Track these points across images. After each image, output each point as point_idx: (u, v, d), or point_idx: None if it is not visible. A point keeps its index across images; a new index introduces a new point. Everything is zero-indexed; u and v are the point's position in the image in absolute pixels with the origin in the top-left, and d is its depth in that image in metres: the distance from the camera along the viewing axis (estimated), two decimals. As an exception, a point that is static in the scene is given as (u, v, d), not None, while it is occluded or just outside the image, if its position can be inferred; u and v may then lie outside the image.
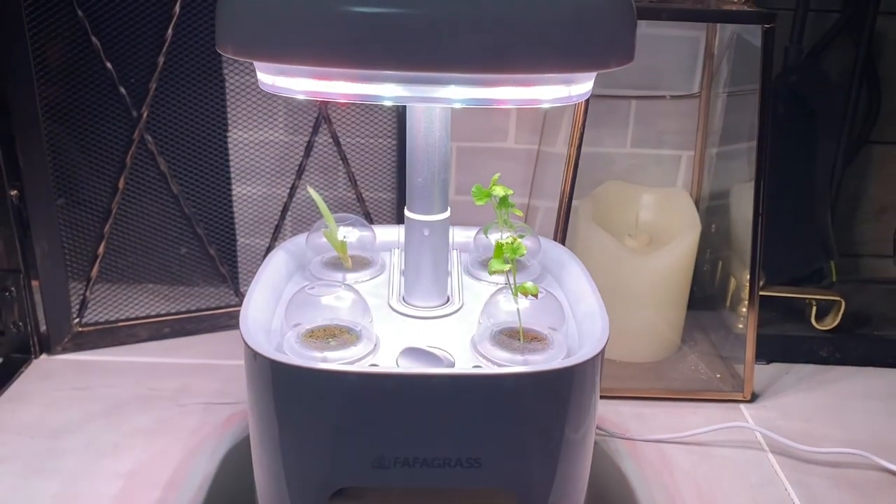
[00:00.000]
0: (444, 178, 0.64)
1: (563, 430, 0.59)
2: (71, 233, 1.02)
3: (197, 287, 1.13)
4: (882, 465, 0.86)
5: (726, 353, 1.08)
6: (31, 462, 0.84)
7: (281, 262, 0.74)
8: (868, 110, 1.21)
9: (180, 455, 0.86)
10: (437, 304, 0.69)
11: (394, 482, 0.58)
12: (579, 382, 0.59)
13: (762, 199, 0.94)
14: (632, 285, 1.03)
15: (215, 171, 1.09)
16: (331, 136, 1.09)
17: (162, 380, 0.99)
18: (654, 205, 1.11)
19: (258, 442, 0.61)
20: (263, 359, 0.57)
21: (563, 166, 0.96)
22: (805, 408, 0.98)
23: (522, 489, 0.60)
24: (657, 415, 0.96)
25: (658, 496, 0.82)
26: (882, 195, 1.28)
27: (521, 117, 1.13)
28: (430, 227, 0.66)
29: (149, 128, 1.01)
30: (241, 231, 1.14)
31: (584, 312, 0.67)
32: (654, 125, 1.13)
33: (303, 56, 0.48)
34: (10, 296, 1.00)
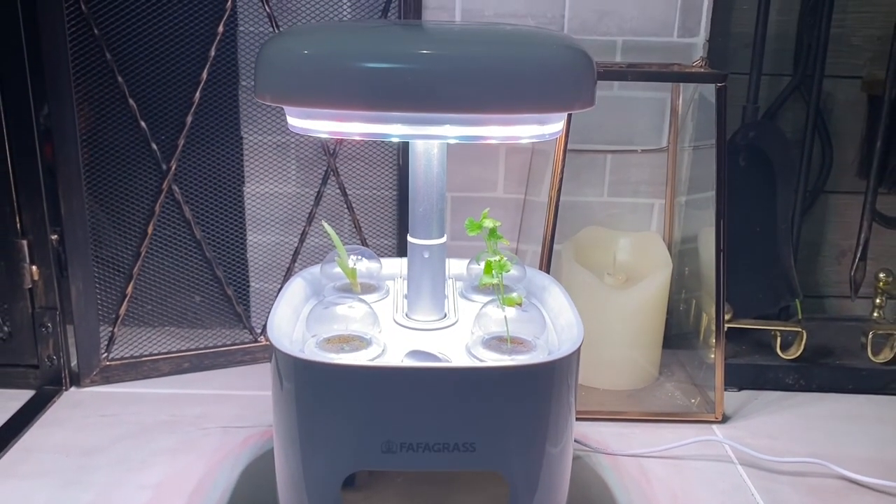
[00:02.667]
0: (441, 208, 0.76)
1: (546, 419, 0.69)
2: (103, 273, 1.12)
3: (213, 329, 1.23)
4: (839, 472, 0.96)
5: (700, 381, 1.18)
6: (66, 476, 0.92)
7: (299, 287, 0.85)
8: (822, 163, 1.34)
9: (203, 470, 0.94)
10: (436, 318, 0.79)
11: (400, 466, 0.68)
12: (559, 376, 0.69)
13: (722, 236, 1.06)
14: (611, 319, 1.13)
15: (232, 221, 1.20)
16: (338, 188, 1.21)
17: (183, 407, 1.08)
18: (630, 247, 1.22)
19: (280, 434, 0.71)
20: (287, 357, 0.67)
21: (545, 213, 1.08)
22: (771, 427, 1.08)
23: (512, 472, 0.69)
24: (636, 434, 1.05)
25: (637, 501, 0.90)
26: (840, 240, 1.40)
27: (509, 169, 1.26)
28: (430, 251, 0.77)
29: (176, 179, 1.13)
30: (253, 276, 1.25)
31: (563, 324, 0.78)
32: (628, 176, 1.25)
33: (326, 101, 0.60)
34: (46, 331, 1.10)
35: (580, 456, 0.99)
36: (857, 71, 1.30)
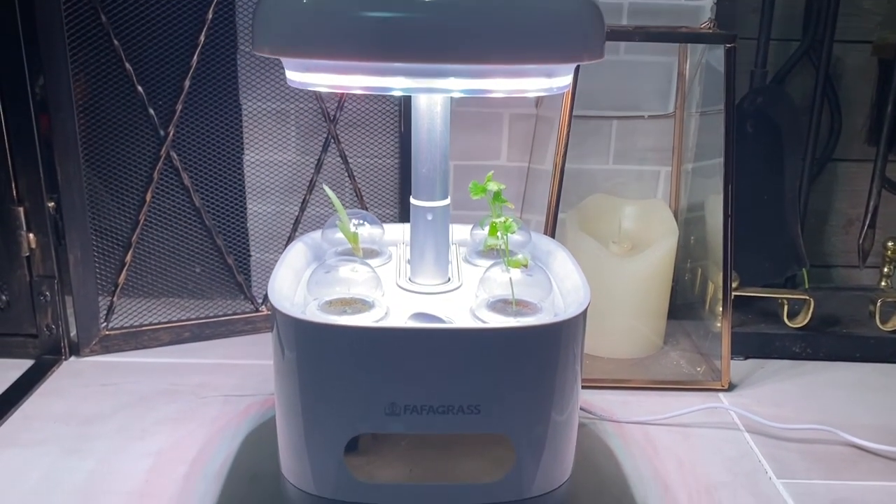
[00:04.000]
0: (445, 169, 0.74)
1: (552, 381, 0.68)
2: (101, 241, 1.11)
3: (214, 300, 1.22)
4: (847, 439, 0.94)
5: (706, 350, 1.17)
6: (67, 444, 0.91)
7: (300, 252, 0.83)
8: (830, 130, 1.32)
9: (204, 438, 0.93)
10: (440, 282, 0.78)
11: (404, 429, 0.67)
12: (566, 338, 0.67)
13: (731, 201, 1.04)
14: (617, 287, 1.12)
15: (232, 189, 1.18)
16: (339, 155, 1.19)
17: (183, 377, 1.07)
18: (636, 215, 1.21)
19: (282, 398, 0.70)
20: (288, 318, 0.66)
21: (550, 180, 1.06)
22: (778, 395, 1.06)
23: (518, 435, 0.68)
24: (641, 401, 1.04)
25: (643, 468, 0.89)
26: (848, 209, 1.38)
27: (513, 136, 1.24)
28: (433, 212, 0.75)
29: (174, 146, 1.11)
30: (254, 246, 1.24)
31: (569, 287, 0.76)
32: (634, 143, 1.23)
33: (326, 52, 0.58)
34: (45, 300, 1.08)
35: (585, 423, 0.98)
36: (868, 35, 1.27)
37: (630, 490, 0.85)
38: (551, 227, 1.04)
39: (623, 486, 0.86)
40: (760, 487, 0.86)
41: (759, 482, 0.87)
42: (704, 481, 0.87)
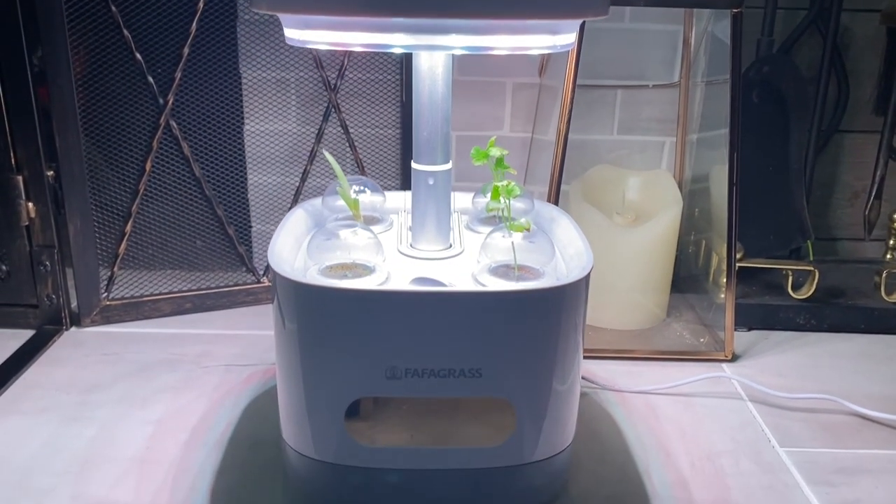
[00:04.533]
0: (446, 132, 0.73)
1: (555, 345, 0.67)
2: (101, 211, 1.10)
3: (215, 272, 1.21)
4: (852, 408, 0.94)
5: (709, 321, 1.16)
6: (68, 412, 0.91)
7: (300, 218, 0.82)
8: (837, 101, 1.30)
9: (205, 406, 0.93)
10: (441, 247, 0.77)
11: (405, 392, 0.66)
12: (568, 302, 0.67)
13: (736, 170, 1.03)
14: (620, 257, 1.11)
15: (232, 160, 1.17)
16: (340, 125, 1.18)
17: (185, 347, 1.07)
18: (640, 186, 1.19)
19: (282, 363, 0.69)
20: (288, 281, 0.65)
21: (553, 150, 1.04)
22: (782, 366, 1.06)
23: (519, 399, 0.67)
24: (644, 371, 1.03)
25: (645, 436, 0.89)
26: (854, 181, 1.37)
27: (516, 106, 1.23)
28: (434, 177, 0.74)
29: (173, 114, 1.10)
30: (255, 218, 1.23)
31: (572, 253, 0.76)
32: (639, 113, 1.22)
33: (325, 7, 0.57)
34: (45, 270, 1.08)
35: (587, 392, 0.98)
36: (876, 3, 1.25)
37: (632, 457, 0.85)
38: (554, 197, 1.03)
39: (625, 453, 0.86)
40: (763, 455, 0.86)
41: (762, 450, 0.87)
42: (707, 449, 0.87)
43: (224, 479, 0.80)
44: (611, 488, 0.80)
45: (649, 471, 0.83)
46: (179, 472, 0.81)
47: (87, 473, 0.81)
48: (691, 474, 0.82)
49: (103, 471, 0.81)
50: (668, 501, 0.78)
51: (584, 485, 0.80)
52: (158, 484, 0.79)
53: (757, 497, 0.79)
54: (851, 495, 0.80)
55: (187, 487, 0.79)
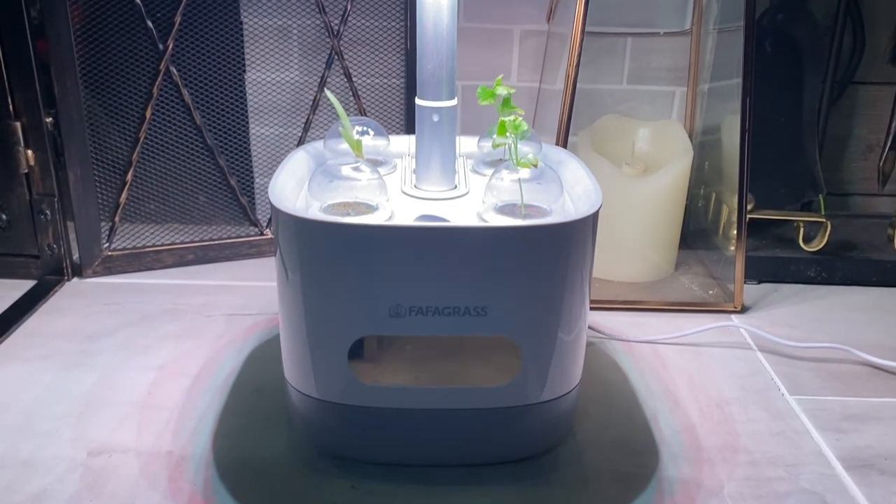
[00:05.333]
0: (452, 66, 0.71)
1: (562, 283, 0.65)
2: (101, 160, 1.08)
3: (217, 226, 1.19)
4: (862, 357, 0.92)
5: (718, 275, 1.14)
6: (69, 359, 0.91)
7: (302, 160, 0.81)
8: (852, 51, 1.27)
9: (208, 354, 0.92)
10: (446, 188, 0.75)
11: (409, 331, 0.65)
12: (576, 238, 0.65)
13: (749, 116, 1.00)
14: (629, 209, 1.09)
15: (234, 110, 1.15)
16: (343, 73, 1.16)
17: (187, 297, 1.06)
18: (650, 136, 1.17)
19: (285, 303, 0.68)
20: (289, 217, 0.63)
21: (561, 99, 1.02)
22: (791, 317, 1.04)
23: (525, 339, 0.66)
24: (651, 322, 1.02)
25: (653, 384, 0.88)
26: (868, 135, 1.34)
27: (523, 55, 1.20)
28: (439, 113, 0.72)
29: (174, 60, 1.08)
30: (258, 171, 1.21)
31: (580, 193, 0.74)
32: (649, 62, 1.19)
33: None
34: (45, 219, 1.06)
35: (593, 342, 0.96)
36: (896, -51, 1.22)
37: (639, 404, 0.84)
38: (563, 139, 1.01)
39: (632, 400, 0.85)
40: (773, 403, 0.85)
41: (772, 398, 0.86)
42: (715, 397, 0.86)
43: (227, 422, 0.79)
44: (618, 433, 0.79)
45: (657, 417, 0.82)
46: (182, 416, 0.80)
47: (89, 417, 0.80)
48: (700, 420, 0.81)
49: (105, 415, 0.80)
50: (676, 446, 0.77)
51: (590, 430, 0.79)
52: (161, 427, 0.78)
53: (766, 443, 0.78)
54: (861, 441, 0.79)
55: (190, 431, 0.78)
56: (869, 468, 0.75)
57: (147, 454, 0.74)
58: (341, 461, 0.73)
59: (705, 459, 0.75)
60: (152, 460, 0.74)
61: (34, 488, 0.69)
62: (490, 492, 0.70)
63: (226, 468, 0.72)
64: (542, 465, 0.73)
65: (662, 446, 0.77)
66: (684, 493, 0.71)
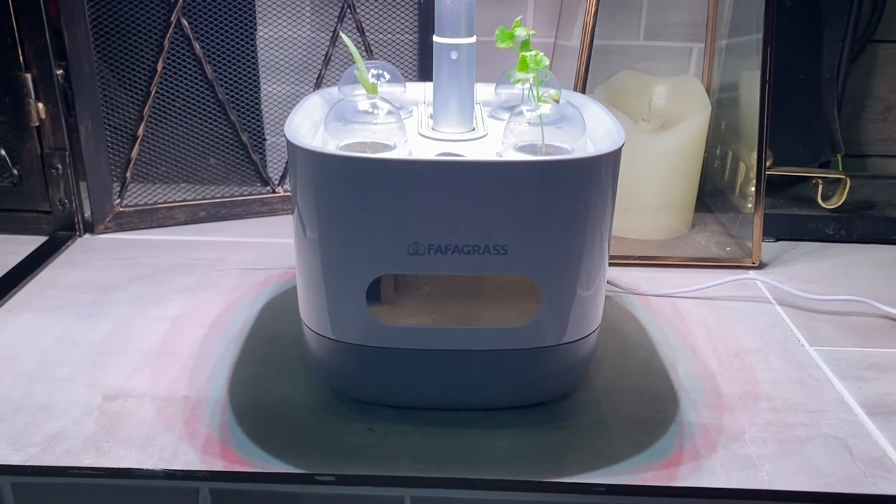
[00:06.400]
0: (471, 1, 0.69)
1: (584, 222, 0.64)
2: (112, 115, 1.07)
3: (229, 187, 1.18)
4: (883, 310, 0.91)
5: (735, 232, 1.13)
6: (83, 310, 0.90)
7: (316, 104, 0.79)
8: (873, 8, 1.25)
9: (222, 305, 0.92)
10: (464, 129, 0.74)
11: (428, 269, 0.64)
12: (598, 175, 0.64)
13: (769, 67, 0.98)
14: (646, 164, 1.08)
15: (245, 65, 1.14)
16: (356, 27, 1.14)
17: (200, 252, 1.05)
18: (667, 92, 1.15)
19: (301, 243, 0.67)
20: (306, 152, 0.62)
21: (578, 55, 1.00)
22: (810, 273, 1.03)
23: (546, 278, 0.65)
24: (668, 278, 1.01)
25: (671, 335, 0.87)
26: (888, 95, 1.32)
27: (538, 9, 1.18)
28: (458, 50, 0.71)
29: (184, 12, 1.07)
30: (269, 130, 1.20)
31: (602, 134, 0.72)
32: (666, 17, 1.17)
33: None
34: (56, 173, 1.06)
35: (610, 296, 0.95)
36: None
37: (657, 354, 0.83)
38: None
39: (650, 350, 0.84)
40: (792, 353, 0.84)
41: (791, 349, 0.85)
42: (735, 347, 0.85)
43: (243, 369, 0.79)
44: (636, 380, 0.78)
45: (675, 365, 0.81)
46: (197, 363, 0.80)
47: (104, 364, 0.80)
48: (719, 369, 0.81)
49: (120, 362, 0.80)
50: (695, 393, 0.76)
51: (607, 377, 0.78)
52: (176, 374, 0.78)
53: (787, 390, 0.77)
54: (884, 389, 0.78)
55: (205, 377, 0.77)
56: (892, 414, 0.74)
57: (163, 399, 0.74)
58: (358, 404, 0.72)
59: (725, 406, 0.74)
60: (168, 405, 0.73)
61: (51, 430, 0.69)
62: (507, 435, 0.69)
63: (242, 412, 0.72)
64: (561, 409, 0.73)
65: (682, 393, 0.76)
66: (705, 437, 0.70)
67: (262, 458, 0.66)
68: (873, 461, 0.67)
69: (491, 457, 0.67)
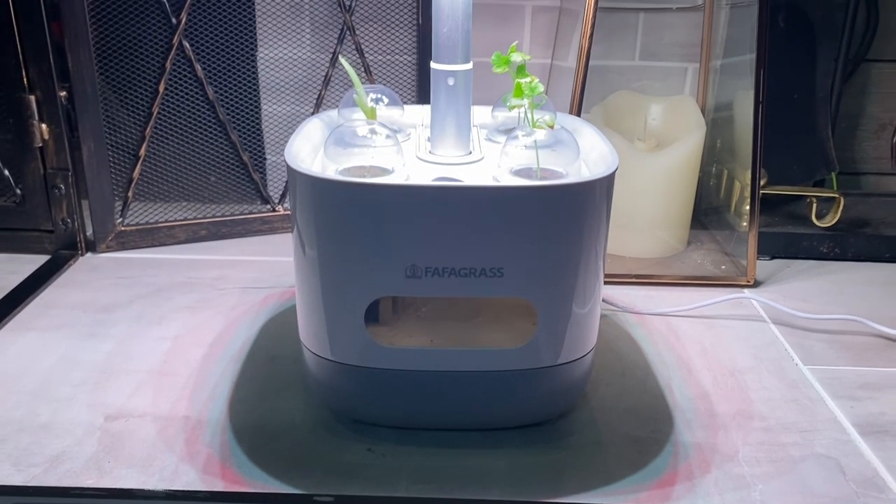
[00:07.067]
0: (467, 30, 0.71)
1: (579, 245, 0.66)
2: (114, 135, 1.09)
3: (229, 205, 1.20)
4: (876, 329, 0.92)
5: (730, 250, 1.14)
6: (85, 329, 0.91)
7: (316, 127, 0.81)
8: (866, 27, 1.27)
9: (222, 324, 0.93)
10: (461, 153, 0.75)
11: (425, 292, 0.65)
12: (592, 199, 0.65)
13: (763, 88, 1.00)
14: (642, 183, 1.09)
15: (246, 86, 1.15)
16: (355, 48, 1.16)
17: (200, 271, 1.06)
18: (662, 112, 1.17)
19: (301, 266, 0.68)
20: (306, 178, 0.64)
21: (574, 75, 1.02)
22: (804, 291, 1.04)
23: (541, 300, 0.66)
24: (664, 296, 1.02)
25: (666, 354, 0.88)
26: (881, 113, 1.33)
27: (535, 31, 1.20)
28: (455, 76, 0.72)
29: (186, 34, 1.08)
30: (269, 149, 1.21)
31: (596, 157, 0.74)
32: (661, 38, 1.19)
33: None
34: (59, 193, 1.07)
35: (606, 315, 0.96)
36: (910, -76, 1.21)
37: (653, 373, 0.84)
38: (576, 114, 1.00)
39: (646, 369, 0.85)
40: (786, 372, 0.85)
41: (785, 367, 0.86)
42: (729, 366, 0.86)
43: (243, 389, 0.80)
44: (631, 400, 0.79)
45: (671, 385, 0.82)
46: (197, 383, 0.81)
47: (105, 384, 0.81)
48: (713, 388, 0.81)
49: (121, 382, 0.81)
50: (689, 413, 0.77)
51: (604, 397, 0.79)
52: (177, 393, 0.79)
53: (781, 409, 0.78)
54: (876, 408, 0.79)
55: (205, 397, 0.78)
56: (884, 433, 0.75)
57: (164, 419, 0.75)
58: (357, 424, 0.73)
59: (720, 425, 0.75)
60: (169, 425, 0.74)
61: (53, 450, 0.70)
62: (504, 455, 0.70)
63: (242, 432, 0.73)
64: (557, 429, 0.74)
65: (677, 412, 0.77)
66: (699, 456, 0.71)
67: (262, 479, 0.67)
68: (865, 481, 0.68)
69: (488, 477, 0.67)
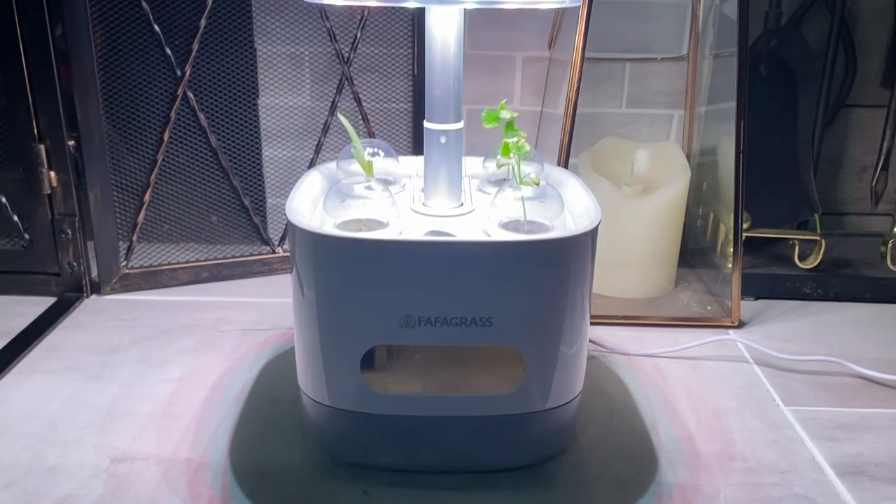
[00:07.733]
0: (458, 91, 0.75)
1: (564, 295, 0.69)
2: (120, 182, 1.13)
3: (231, 246, 1.23)
4: (855, 370, 0.96)
5: (716, 291, 1.18)
6: (90, 371, 0.94)
7: (316, 180, 0.85)
8: (845, 75, 1.32)
9: (223, 366, 0.96)
10: (453, 206, 0.79)
11: (419, 340, 0.68)
12: (577, 252, 0.69)
13: (743, 136, 1.04)
14: (629, 227, 1.13)
15: (247, 133, 1.20)
16: (353, 98, 1.20)
17: (202, 313, 1.10)
18: (648, 157, 1.21)
19: (300, 315, 0.71)
20: (306, 233, 0.67)
21: (562, 121, 1.06)
22: (787, 332, 1.08)
23: (529, 348, 0.70)
24: (651, 337, 1.05)
25: (652, 395, 0.91)
26: (862, 156, 1.38)
27: (526, 80, 1.24)
28: (447, 135, 0.76)
29: (191, 86, 1.13)
30: (270, 192, 1.25)
31: (580, 211, 0.78)
32: (647, 86, 1.23)
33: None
34: (66, 238, 1.11)
35: (595, 356, 1.00)
36: (884, -23, 1.26)
37: (639, 414, 0.87)
38: (564, 160, 1.05)
39: (632, 410, 0.88)
40: (768, 413, 0.88)
41: (767, 408, 0.89)
42: (713, 407, 0.89)
43: (243, 431, 0.83)
44: (619, 441, 0.82)
45: (656, 426, 0.85)
46: (200, 425, 0.84)
47: (111, 426, 0.83)
48: (697, 430, 0.84)
49: (126, 424, 0.84)
50: (674, 454, 0.80)
51: (592, 439, 0.82)
52: (179, 436, 0.82)
53: (762, 451, 0.81)
54: (853, 449, 0.82)
55: (207, 439, 0.81)
56: (860, 474, 0.78)
57: (167, 461, 0.78)
58: (353, 468, 0.76)
59: (703, 466, 0.78)
60: (172, 467, 0.77)
61: (60, 493, 0.73)
62: (496, 497, 0.73)
63: (243, 474, 0.76)
64: (546, 471, 0.77)
65: (661, 454, 0.80)
66: (682, 497, 0.74)
67: (262, 521, 0.70)
68: (841, 521, 0.71)
69: (479, 518, 0.70)
